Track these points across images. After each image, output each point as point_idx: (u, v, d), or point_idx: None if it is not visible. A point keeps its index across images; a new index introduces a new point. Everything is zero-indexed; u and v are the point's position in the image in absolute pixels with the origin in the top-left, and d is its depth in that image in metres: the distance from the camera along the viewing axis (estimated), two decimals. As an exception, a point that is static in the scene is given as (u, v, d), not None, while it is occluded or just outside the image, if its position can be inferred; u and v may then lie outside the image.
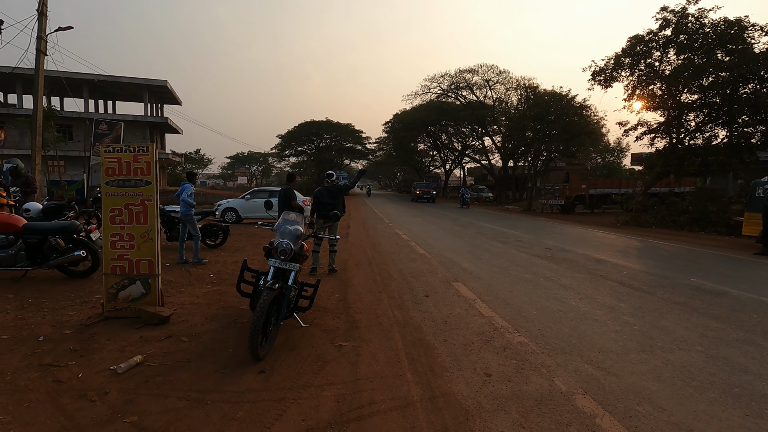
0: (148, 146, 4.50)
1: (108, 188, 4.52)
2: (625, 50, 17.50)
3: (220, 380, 3.23)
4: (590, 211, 25.72)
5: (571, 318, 4.66)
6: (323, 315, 4.84)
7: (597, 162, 47.78)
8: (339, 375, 3.33)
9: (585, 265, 7.68)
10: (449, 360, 3.59)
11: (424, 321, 4.61)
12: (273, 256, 3.96)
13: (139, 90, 35.33)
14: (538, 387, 3.09)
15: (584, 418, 2.68)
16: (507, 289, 5.94)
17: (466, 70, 37.98)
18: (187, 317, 4.69)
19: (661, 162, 17.84)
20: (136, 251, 4.54)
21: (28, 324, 4.39)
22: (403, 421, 2.67)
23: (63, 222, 6.16)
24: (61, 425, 2.61)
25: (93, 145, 15.36)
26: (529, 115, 28.24)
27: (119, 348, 3.81)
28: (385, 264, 8.02)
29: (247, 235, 12.08)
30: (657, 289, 5.97)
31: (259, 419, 2.70)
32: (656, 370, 3.36)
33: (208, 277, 6.79)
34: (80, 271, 6.21)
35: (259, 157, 77.34)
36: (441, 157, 52.52)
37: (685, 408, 2.79)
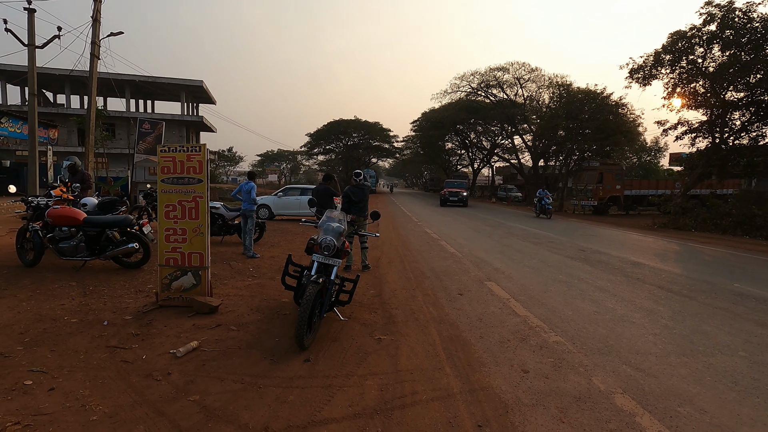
0: (200, 146, 4.80)
1: (163, 185, 4.85)
2: (666, 47, 16.89)
3: (270, 367, 3.45)
4: (625, 212, 24.98)
5: (608, 320, 4.66)
6: (360, 310, 5.01)
7: (633, 162, 46.19)
8: (380, 366, 3.49)
9: (621, 268, 7.56)
10: (486, 356, 3.69)
11: (459, 318, 4.71)
12: (316, 252, 4.16)
13: (177, 90, 36.75)
14: (576, 385, 3.15)
15: (624, 416, 2.73)
16: (541, 290, 5.96)
17: (496, 68, 37.46)
18: (234, 308, 4.97)
19: (703, 162, 17.14)
20: (188, 244, 4.85)
21: (92, 309, 4.77)
22: (444, 410, 2.81)
23: (119, 216, 6.60)
24: (133, 400, 2.89)
25: (137, 144, 16.14)
26: (562, 114, 27.62)
27: (175, 334, 4.10)
28: (417, 262, 8.14)
29: (280, 232, 12.45)
30: (698, 293, 5.84)
31: (308, 403, 2.89)
32: (697, 373, 3.36)
33: (247, 270, 7.10)
34: (133, 262, 6.64)
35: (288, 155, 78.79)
36: (469, 156, 52.02)
37: (728, 411, 2.80)
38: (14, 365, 3.36)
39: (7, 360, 3.45)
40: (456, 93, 40.64)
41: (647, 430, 2.58)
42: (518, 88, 37.78)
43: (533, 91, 37.49)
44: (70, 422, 2.61)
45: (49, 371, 3.27)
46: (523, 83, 37.36)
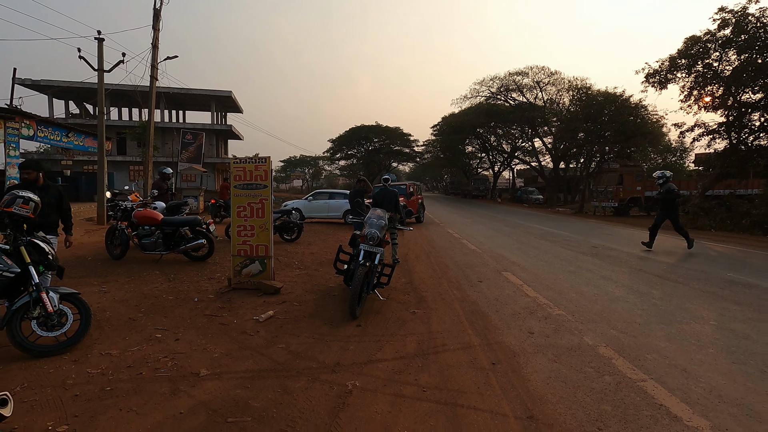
0: (266, 159, 5.91)
1: (236, 190, 5.98)
2: (681, 51, 17.36)
3: (331, 329, 4.48)
4: (646, 213, 25.17)
5: (606, 299, 5.52)
6: (395, 293, 6.01)
7: (657, 163, 45.79)
8: (416, 329, 4.48)
9: (627, 261, 8.32)
10: (500, 323, 4.63)
11: (479, 298, 5.66)
12: (362, 242, 5.18)
13: (207, 100, 38.73)
14: (570, 341, 4.07)
15: (603, 359, 3.64)
16: (551, 278, 6.83)
17: (515, 73, 38.08)
18: (292, 290, 6.05)
19: (720, 163, 17.47)
20: (255, 238, 5.97)
21: (180, 291, 5.93)
22: (467, 355, 3.77)
23: (190, 217, 7.82)
24: (238, 346, 3.97)
25: (180, 153, 17.61)
26: (582, 116, 28.06)
27: (252, 307, 5.20)
28: (441, 257, 9.09)
29: (314, 233, 13.57)
30: (691, 280, 6.59)
31: (365, 351, 3.90)
32: (669, 335, 4.21)
33: (293, 264, 8.20)
34: (200, 256, 7.83)
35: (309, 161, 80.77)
36: (489, 159, 52.54)
37: (686, 357, 3.66)
38: (142, 326, 4.50)
39: (136, 322, 4.60)
40: (476, 98, 41.41)
41: (619, 367, 3.48)
42: (538, 92, 38.30)
43: (553, 94, 37.96)
44: (200, 358, 3.70)
45: (169, 329, 4.40)
46: (543, 86, 37.86)
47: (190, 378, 3.31)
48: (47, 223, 4.61)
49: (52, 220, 4.71)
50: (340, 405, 2.92)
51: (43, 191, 4.55)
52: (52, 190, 4.73)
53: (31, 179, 4.56)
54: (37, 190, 4.46)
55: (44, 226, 4.54)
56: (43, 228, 4.52)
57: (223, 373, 3.40)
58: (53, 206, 4.67)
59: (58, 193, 4.78)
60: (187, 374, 3.37)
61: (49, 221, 4.65)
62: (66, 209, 4.85)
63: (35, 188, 4.50)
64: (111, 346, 3.92)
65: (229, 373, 3.42)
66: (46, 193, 4.58)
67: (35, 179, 4.57)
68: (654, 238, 9.94)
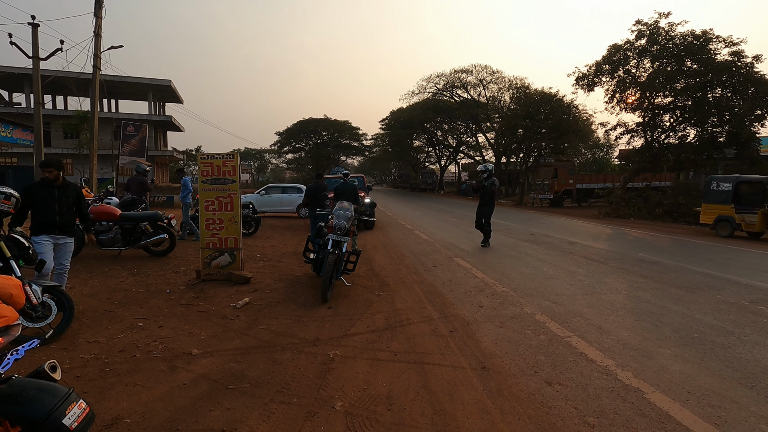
0: (234, 154, 6.16)
1: (204, 185, 6.18)
2: (605, 57, 19.27)
3: (305, 311, 4.92)
4: (577, 204, 27.57)
5: (541, 278, 6.41)
6: (359, 279, 6.53)
7: (587, 158, 49.78)
8: (383, 308, 5.04)
9: (559, 246, 9.45)
10: (455, 300, 5.32)
11: (435, 281, 6.33)
12: (330, 233, 5.64)
13: (144, 89, 36.59)
14: (513, 311, 4.83)
15: (539, 324, 4.41)
16: (496, 262, 7.68)
17: (460, 70, 39.65)
18: (261, 280, 6.38)
19: (638, 159, 19.67)
20: (224, 231, 6.21)
21: (149, 284, 6.05)
22: (428, 326, 4.40)
23: (151, 212, 7.79)
24: (222, 329, 4.31)
25: (121, 146, 16.83)
26: (521, 114, 30.01)
27: (226, 296, 5.50)
28: (397, 247, 9.73)
29: (269, 227, 13.68)
30: (610, 260, 7.74)
31: (340, 327, 4.40)
32: (591, 303, 5.11)
33: (256, 256, 8.44)
34: (161, 251, 7.85)
35: (255, 154, 78.58)
36: (436, 154, 54.26)
37: (602, 319, 4.54)
38: (121, 316, 4.68)
39: (113, 313, 4.75)
40: (423, 93, 42.58)
41: (551, 328, 4.26)
42: (481, 89, 40.15)
43: (495, 92, 39.98)
44: (188, 341, 4.01)
45: (150, 318, 4.62)
46: (486, 84, 39.76)
47: (184, 357, 3.64)
48: (66, 223, 4.54)
49: (70, 220, 4.61)
50: (325, 369, 3.41)
51: (62, 190, 4.51)
52: (70, 189, 4.64)
53: (52, 178, 4.45)
54: (56, 189, 4.44)
55: (63, 225, 4.48)
56: (62, 228, 4.47)
57: (214, 352, 3.76)
58: (71, 205, 4.62)
59: (76, 192, 4.70)
60: (180, 354, 3.69)
61: (68, 221, 4.57)
62: (84, 207, 4.80)
63: (54, 187, 4.45)
64: (96, 335, 4.11)
65: (220, 351, 3.78)
66: (64, 192, 4.53)
67: (56, 178, 4.48)
68: (489, 234, 9.56)
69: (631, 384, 3.10)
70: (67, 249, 4.67)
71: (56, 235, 4.51)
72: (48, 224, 4.44)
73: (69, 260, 4.73)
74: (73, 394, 1.94)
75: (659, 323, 4.40)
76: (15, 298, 1.92)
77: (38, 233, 4.44)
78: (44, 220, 4.43)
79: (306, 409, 2.81)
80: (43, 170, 4.48)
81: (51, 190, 4.48)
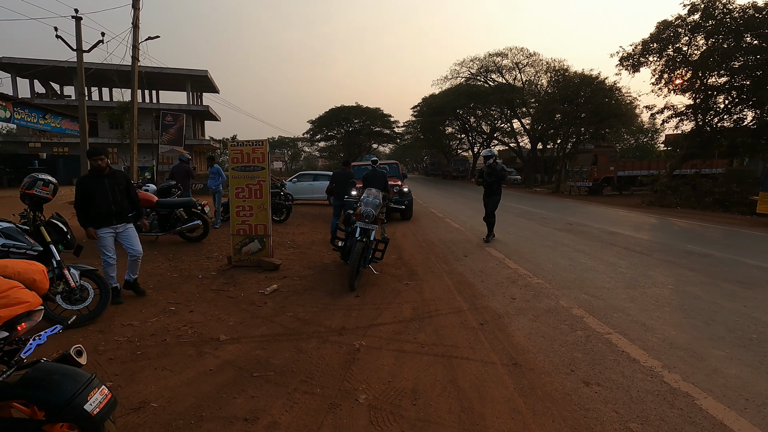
0: (263, 141, 6.15)
1: (234, 172, 6.22)
2: (653, 35, 18.00)
3: (332, 300, 4.88)
4: (618, 192, 26.28)
5: (579, 269, 6.09)
6: (388, 267, 6.43)
7: (630, 143, 47.34)
8: (410, 298, 4.92)
9: (599, 236, 8.98)
10: (486, 291, 5.13)
11: (465, 271, 6.15)
12: (358, 220, 5.55)
13: (183, 80, 37.65)
14: (547, 304, 4.59)
15: (575, 318, 4.17)
16: (530, 252, 7.38)
17: (495, 54, 38.34)
18: (290, 267, 6.40)
19: (687, 144, 18.42)
20: (254, 218, 6.25)
21: (183, 269, 6.20)
22: (458, 317, 4.25)
23: (185, 198, 7.99)
24: (250, 315, 4.33)
25: (161, 135, 17.40)
26: (559, 98, 28.74)
27: (255, 282, 5.54)
28: (427, 235, 9.56)
29: (301, 215, 13.82)
30: (654, 252, 7.26)
31: (366, 316, 4.32)
32: (633, 298, 4.79)
33: (286, 243, 8.51)
34: (195, 237, 8.05)
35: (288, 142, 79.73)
36: (469, 140, 53.11)
37: (645, 315, 4.23)
38: (155, 300, 4.80)
39: (147, 297, 4.88)
40: (456, 79, 41.58)
41: (589, 324, 4.01)
42: (517, 73, 38.72)
43: (531, 76, 38.45)
44: (217, 326, 4.05)
45: (181, 303, 4.71)
46: (522, 68, 38.28)
47: (212, 342, 3.67)
48: (121, 211, 4.55)
49: (124, 208, 4.61)
50: (350, 360, 3.34)
51: (111, 179, 4.52)
52: (119, 177, 4.64)
53: (103, 166, 4.46)
54: (106, 179, 4.44)
55: (120, 213, 4.53)
56: (119, 216, 4.50)
57: (241, 338, 3.77)
58: (123, 193, 4.61)
59: (125, 179, 4.70)
60: (208, 339, 3.73)
61: (122, 209, 4.58)
62: (134, 194, 4.77)
63: (104, 177, 4.47)
64: (130, 318, 4.22)
65: (247, 337, 3.79)
66: (114, 180, 4.54)
67: (106, 165, 4.49)
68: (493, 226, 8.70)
69: (679, 388, 2.85)
70: (131, 234, 4.68)
71: (115, 224, 4.53)
72: (106, 215, 4.44)
73: (138, 244, 4.72)
74: (96, 379, 1.94)
75: (711, 321, 4.05)
76: (38, 284, 1.93)
77: (98, 226, 4.46)
78: (101, 211, 4.43)
79: (329, 401, 2.75)
80: (94, 159, 4.45)
81: (101, 180, 4.45)
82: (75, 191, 4.42)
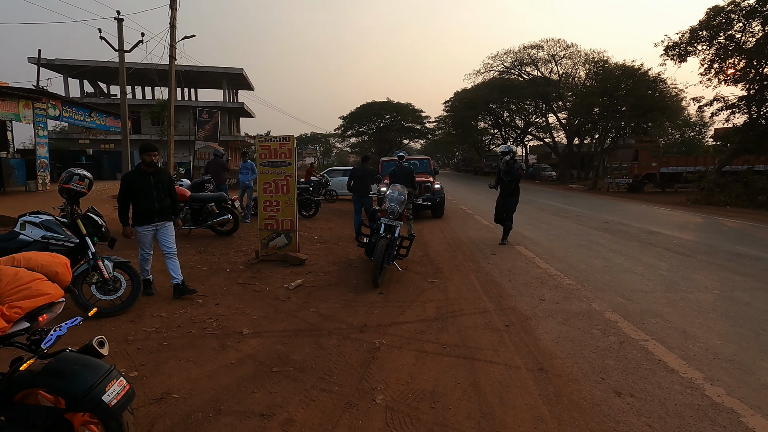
0: (290, 137, 6.19)
1: (261, 168, 6.30)
2: (703, 22, 16.87)
3: (355, 296, 4.85)
4: (661, 190, 24.95)
5: (614, 271, 5.78)
6: (413, 264, 6.35)
7: (675, 138, 44.84)
8: (435, 297, 4.82)
9: (637, 236, 8.52)
10: (513, 291, 4.95)
11: (492, 269, 5.97)
12: (383, 216, 5.49)
13: (219, 78, 38.76)
14: (579, 307, 4.37)
15: (608, 323, 3.94)
16: (562, 251, 7.09)
17: (530, 46, 37.16)
18: (316, 262, 6.44)
19: (738, 138, 17.20)
20: (281, 213, 6.32)
21: (212, 262, 6.36)
22: (482, 318, 4.11)
23: (216, 193, 8.21)
24: (273, 309, 4.37)
25: (197, 131, 17.96)
26: (598, 91, 27.54)
27: (281, 277, 5.60)
28: (455, 232, 9.39)
29: (329, 210, 13.93)
30: (699, 253, 6.80)
31: (388, 314, 4.27)
32: (673, 302, 4.49)
33: (314, 238, 8.57)
34: (225, 231, 8.25)
35: (320, 138, 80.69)
36: (502, 135, 51.91)
37: (686, 321, 3.95)
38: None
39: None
40: (489, 72, 40.67)
41: (623, 329, 3.78)
42: (553, 65, 37.40)
43: (568, 68, 37.06)
44: (240, 319, 4.11)
45: (209, 296, 4.82)
46: (558, 60, 36.93)
47: (235, 336, 3.72)
48: (163, 209, 4.56)
49: (166, 206, 4.61)
50: (370, 358, 3.30)
51: (157, 176, 4.55)
52: (163, 174, 4.66)
53: (155, 161, 4.50)
54: (152, 176, 4.49)
55: (162, 211, 4.55)
56: (161, 214, 4.54)
57: (263, 332, 3.80)
58: (166, 191, 4.62)
59: (169, 177, 4.74)
60: (232, 333, 3.78)
61: (165, 206, 4.59)
62: (174, 192, 4.77)
63: (149, 174, 4.49)
64: (159, 309, 4.35)
65: (269, 332, 3.82)
66: (158, 177, 4.56)
67: (154, 162, 4.52)
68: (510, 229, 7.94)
69: (723, 403, 2.62)
70: (169, 232, 4.69)
71: (156, 222, 4.56)
72: (149, 211, 4.48)
73: (174, 242, 4.74)
74: (114, 371, 1.97)
75: (761, 331, 3.73)
76: (60, 276, 1.98)
77: (141, 223, 4.50)
78: (144, 208, 4.46)
79: (346, 399, 2.71)
80: (147, 154, 4.46)
81: (147, 177, 4.48)
82: (119, 186, 4.55)
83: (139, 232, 4.53)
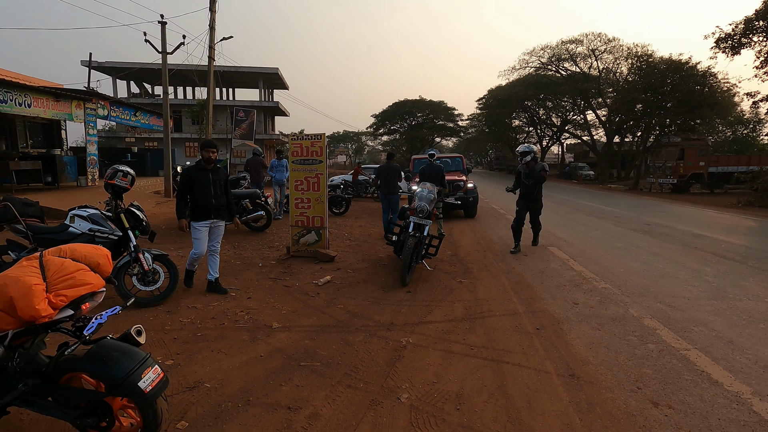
0: (321, 135, 6.27)
1: (293, 165, 6.42)
2: (760, 12, 15.76)
3: (383, 294, 4.86)
4: (709, 191, 23.57)
5: (654, 275, 5.51)
6: (442, 264, 6.29)
7: (726, 136, 42.17)
8: (463, 297, 4.76)
9: (681, 239, 8.08)
10: (545, 294, 4.82)
11: (524, 270, 5.83)
12: (412, 215, 5.47)
13: (255, 77, 39.79)
14: (615, 312, 4.20)
15: (647, 329, 3.76)
16: (598, 254, 6.83)
17: (569, 41, 35.94)
18: (345, 259, 6.50)
19: (799, 136, 15.95)
20: (312, 210, 6.42)
21: (246, 257, 6.54)
22: (512, 320, 4.02)
23: (250, 190, 8.44)
24: (302, 305, 4.45)
25: (234, 130, 18.51)
26: (641, 87, 26.28)
27: (310, 273, 5.69)
28: (485, 231, 9.23)
29: (360, 208, 14.02)
30: (750, 259, 6.37)
31: (416, 313, 4.25)
32: (719, 310, 4.22)
33: (344, 236, 8.65)
34: (259, 227, 8.47)
35: (353, 136, 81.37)
36: (537, 134, 50.54)
37: (734, 331, 3.71)
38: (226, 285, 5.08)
39: (212, 282, 5.19)
40: (524, 69, 39.66)
41: (663, 337, 3.60)
42: (593, 61, 36.02)
43: (610, 63, 35.57)
44: (271, 313, 4.20)
45: (241, 289, 4.96)
46: (599, 55, 35.52)
47: (265, 329, 3.81)
48: (220, 206, 4.61)
49: (222, 204, 4.65)
50: (396, 357, 3.29)
51: (215, 173, 4.62)
52: (220, 172, 4.70)
53: (213, 158, 4.56)
54: (210, 173, 4.57)
55: (219, 209, 4.61)
56: (217, 211, 4.60)
57: (292, 327, 3.88)
58: (223, 189, 4.67)
59: (225, 176, 4.78)
60: (262, 326, 3.88)
61: (222, 204, 4.63)
62: (230, 191, 4.83)
63: (208, 170, 4.55)
64: (195, 301, 4.52)
65: (297, 326, 3.89)
66: (216, 175, 4.62)
67: (213, 160, 4.58)
68: (519, 238, 7.18)
69: (772, 419, 2.45)
70: (219, 231, 4.77)
71: (213, 218, 4.61)
72: (206, 208, 4.52)
73: (220, 241, 4.82)
74: (150, 359, 2.06)
75: (819, 344, 3.45)
76: (102, 267, 2.09)
77: (198, 219, 4.53)
78: (203, 203, 4.50)
79: (371, 397, 2.72)
80: (207, 150, 4.53)
81: (206, 173, 4.53)
82: (179, 180, 4.67)
83: (195, 227, 4.58)
